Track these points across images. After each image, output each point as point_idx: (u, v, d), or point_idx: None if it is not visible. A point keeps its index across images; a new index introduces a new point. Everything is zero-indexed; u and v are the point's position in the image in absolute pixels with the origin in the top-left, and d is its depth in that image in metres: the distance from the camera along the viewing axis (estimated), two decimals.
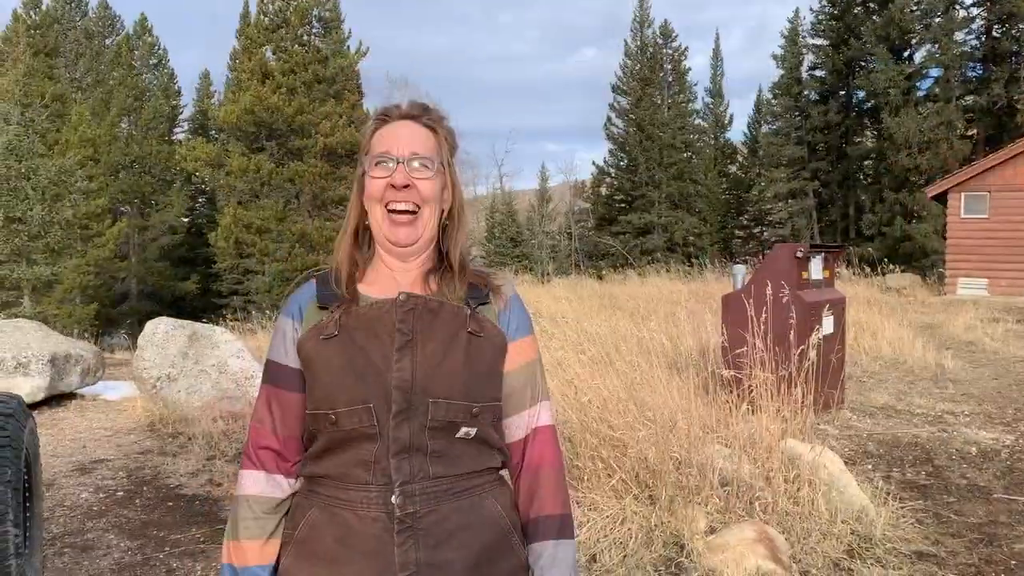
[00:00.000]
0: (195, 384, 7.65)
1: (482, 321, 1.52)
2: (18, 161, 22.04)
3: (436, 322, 1.49)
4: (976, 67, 32.02)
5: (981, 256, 21.24)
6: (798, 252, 6.63)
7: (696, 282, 19.00)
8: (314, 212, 30.32)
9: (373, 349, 1.46)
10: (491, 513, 1.50)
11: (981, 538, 4.30)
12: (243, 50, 30.97)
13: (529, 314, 1.67)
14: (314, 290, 1.58)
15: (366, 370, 1.44)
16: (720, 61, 50.58)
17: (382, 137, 1.57)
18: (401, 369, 1.44)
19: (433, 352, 1.46)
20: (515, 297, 1.63)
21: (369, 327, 1.48)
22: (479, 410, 1.47)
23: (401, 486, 1.42)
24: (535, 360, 1.62)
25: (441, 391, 1.44)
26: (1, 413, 3.17)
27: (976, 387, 8.41)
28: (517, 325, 1.59)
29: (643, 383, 5.31)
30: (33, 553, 3.44)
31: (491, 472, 1.54)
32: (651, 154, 41.34)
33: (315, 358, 1.49)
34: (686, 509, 4.12)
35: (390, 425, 1.42)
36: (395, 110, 1.60)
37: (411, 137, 1.55)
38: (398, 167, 1.52)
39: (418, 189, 1.52)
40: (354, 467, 1.44)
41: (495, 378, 1.53)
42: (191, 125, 47.10)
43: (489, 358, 1.51)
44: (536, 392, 1.61)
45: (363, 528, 1.42)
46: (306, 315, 1.55)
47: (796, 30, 39.49)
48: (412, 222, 1.53)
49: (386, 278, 1.57)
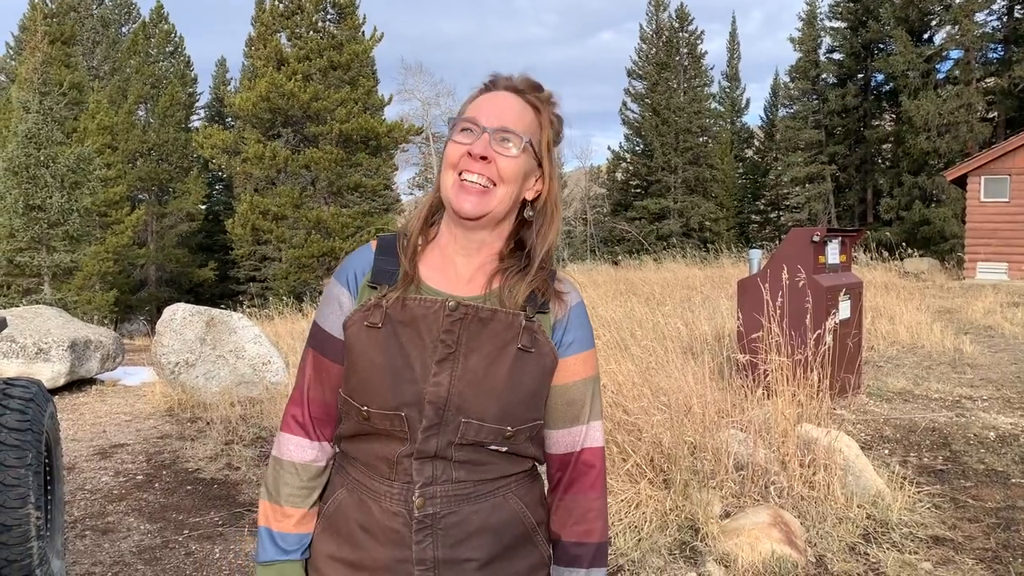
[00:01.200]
0: (213, 369, 7.71)
1: (536, 334, 1.41)
2: (37, 149, 22.19)
3: (484, 333, 1.39)
4: (997, 48, 31.57)
5: (1001, 240, 21.02)
6: (815, 236, 6.59)
7: (712, 267, 18.94)
8: (330, 199, 30.37)
9: (415, 354, 1.38)
10: (514, 512, 1.46)
11: (999, 523, 4.28)
12: (258, 37, 30.98)
13: (591, 327, 1.52)
14: (371, 260, 1.48)
15: (403, 376, 1.38)
16: (737, 45, 50.34)
17: (478, 104, 1.45)
18: (438, 384, 1.37)
19: (475, 367, 1.38)
20: (578, 307, 1.49)
21: (414, 326, 1.40)
22: (513, 433, 1.40)
23: (422, 488, 1.39)
24: (591, 378, 1.49)
25: (475, 412, 1.37)
26: (22, 398, 3.21)
27: (995, 372, 8.35)
28: (574, 339, 1.46)
29: (658, 368, 5.31)
30: (55, 535, 3.49)
31: (521, 473, 1.48)
32: (667, 139, 41.14)
33: (356, 345, 1.41)
34: (701, 493, 4.12)
35: (419, 437, 1.38)
36: (503, 79, 1.47)
37: (507, 109, 1.42)
38: (483, 136, 1.39)
39: (497, 165, 1.39)
40: (379, 460, 1.43)
41: (538, 399, 1.43)
42: (208, 112, 47.33)
43: (535, 377, 1.41)
44: (588, 411, 1.49)
45: (384, 520, 1.41)
46: (361, 290, 1.46)
47: (814, 12, 39.11)
48: (483, 192, 1.39)
49: (447, 264, 1.46)
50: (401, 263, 1.45)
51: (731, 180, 44.96)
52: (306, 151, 29.25)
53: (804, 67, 38.74)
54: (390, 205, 36.45)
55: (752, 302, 6.42)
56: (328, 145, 29.10)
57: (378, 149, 30.76)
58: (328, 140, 29.20)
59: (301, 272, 28.77)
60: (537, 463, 1.52)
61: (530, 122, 1.43)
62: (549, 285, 1.45)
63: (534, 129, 1.44)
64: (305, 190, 29.80)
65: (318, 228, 28.67)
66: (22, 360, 7.94)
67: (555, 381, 1.45)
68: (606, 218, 45.67)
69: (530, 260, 1.44)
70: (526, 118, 1.43)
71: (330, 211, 29.14)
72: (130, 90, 36.22)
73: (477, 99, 1.46)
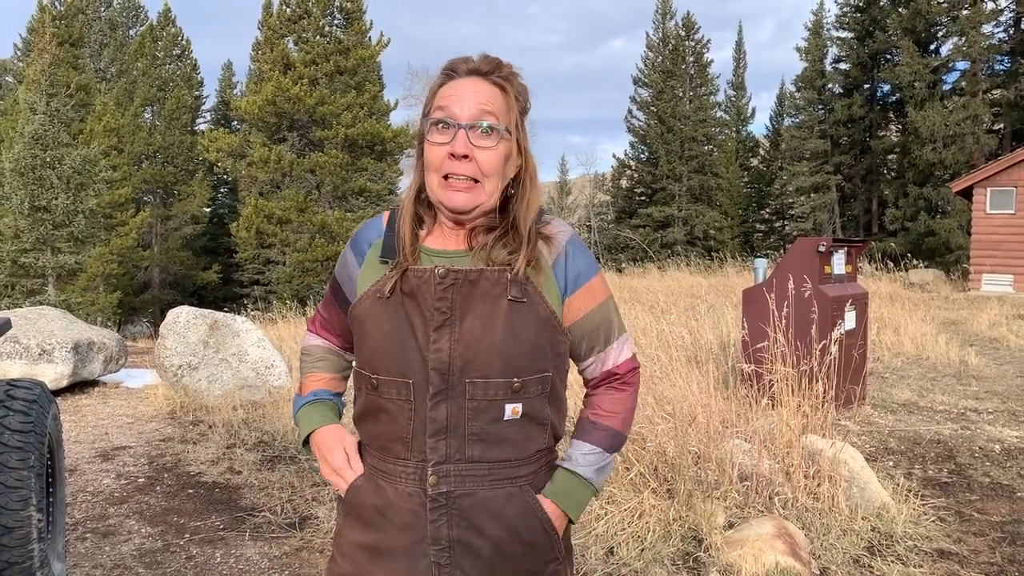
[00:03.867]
0: (216, 373, 7.70)
1: (524, 285, 1.44)
2: (43, 150, 22.25)
3: (475, 293, 1.43)
4: (1004, 60, 31.54)
5: (1006, 252, 20.97)
6: (820, 246, 6.57)
7: (716, 276, 18.92)
8: (335, 203, 30.41)
9: (417, 323, 1.43)
10: (529, 507, 1.47)
11: (1004, 537, 4.25)
12: (265, 41, 31.07)
13: (590, 254, 1.56)
14: (382, 231, 1.55)
15: (408, 343, 1.42)
16: (743, 54, 50.43)
17: (445, 95, 1.45)
18: (438, 350, 1.41)
19: (471, 328, 1.41)
20: (571, 242, 1.52)
21: (414, 296, 1.44)
22: (520, 384, 1.42)
23: (436, 466, 1.42)
24: (604, 301, 1.54)
25: (479, 370, 1.40)
26: (24, 399, 3.20)
27: (1000, 384, 8.31)
28: (577, 272, 1.50)
29: (662, 377, 5.29)
30: (56, 538, 3.48)
31: (537, 458, 1.50)
32: (672, 147, 41.16)
33: (367, 317, 1.47)
34: (705, 504, 4.10)
35: (427, 405, 1.41)
36: (462, 64, 1.48)
37: (476, 97, 1.43)
38: (459, 134, 1.41)
39: (478, 161, 1.42)
40: (393, 442, 1.46)
41: (540, 349, 1.45)
42: (214, 115, 47.43)
43: (532, 327, 1.43)
44: (611, 332, 1.56)
45: (400, 502, 1.44)
46: (367, 259, 1.54)
47: (820, 22, 39.13)
48: (471, 188, 1.43)
49: (447, 231, 1.51)
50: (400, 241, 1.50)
51: (736, 189, 44.94)
52: (311, 155, 29.30)
53: (810, 77, 38.75)
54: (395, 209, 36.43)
55: (757, 311, 6.40)
56: (333, 149, 29.14)
57: (383, 154, 30.80)
58: (333, 144, 29.24)
59: (305, 276, 28.78)
60: (554, 432, 1.53)
61: (500, 104, 1.45)
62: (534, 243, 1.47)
63: (505, 111, 1.45)
64: (310, 194, 29.83)
65: (322, 232, 28.68)
66: (25, 361, 7.93)
67: (571, 318, 1.50)
68: (610, 225, 45.67)
69: (516, 229, 1.47)
70: (496, 102, 1.44)
71: (335, 215, 29.17)
72: (137, 92, 36.33)
73: (443, 88, 1.46)
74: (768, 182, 46.84)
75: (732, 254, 26.21)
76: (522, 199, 1.50)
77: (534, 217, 1.49)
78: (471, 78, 1.46)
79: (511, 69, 1.50)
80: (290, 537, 4.33)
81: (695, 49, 43.94)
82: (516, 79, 1.50)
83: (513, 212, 1.49)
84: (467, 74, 1.46)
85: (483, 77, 1.46)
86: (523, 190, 1.51)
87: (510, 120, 1.46)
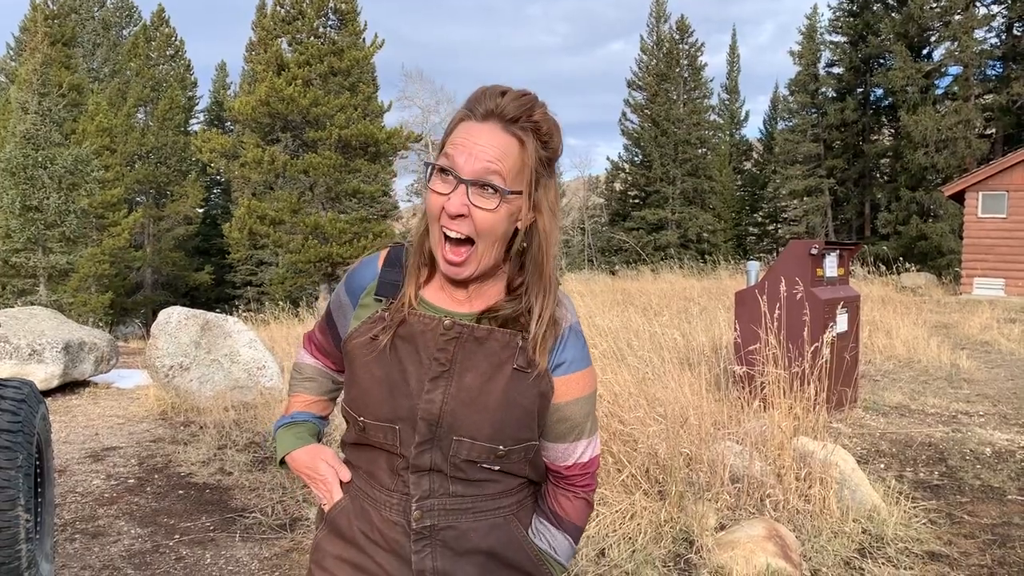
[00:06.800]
0: (207, 373, 7.67)
1: (531, 356, 1.38)
2: (35, 150, 22.18)
3: (480, 352, 1.38)
4: (996, 65, 31.70)
5: (998, 256, 21.06)
6: (813, 249, 6.58)
7: (709, 278, 18.93)
8: (328, 204, 30.35)
9: (411, 369, 1.38)
10: (514, 537, 1.46)
11: (994, 539, 4.26)
12: (259, 41, 31.02)
13: (586, 347, 1.50)
14: (377, 272, 1.49)
15: (399, 390, 1.38)
16: (737, 57, 50.57)
17: (456, 141, 1.34)
18: (430, 401, 1.36)
19: (469, 386, 1.36)
20: (571, 329, 1.45)
21: (412, 342, 1.39)
22: (504, 453, 1.38)
23: (419, 501, 1.40)
24: (588, 396, 1.48)
25: (467, 430, 1.36)
26: (13, 399, 3.18)
27: (991, 387, 8.34)
28: (571, 359, 1.44)
29: (655, 379, 5.29)
30: (44, 538, 3.46)
31: (520, 489, 1.48)
32: (666, 150, 41.24)
33: (358, 357, 1.42)
34: (696, 505, 4.09)
35: (412, 453, 1.38)
36: (487, 104, 1.34)
37: (485, 153, 1.31)
38: (458, 189, 1.31)
39: (474, 220, 1.32)
40: (380, 470, 1.44)
41: (531, 419, 1.40)
42: (207, 116, 47.36)
43: (530, 398, 1.38)
44: (584, 428, 1.49)
45: (384, 529, 1.43)
46: (361, 301, 1.49)
47: (814, 26, 39.27)
48: (465, 260, 1.35)
49: (448, 287, 1.44)
50: (406, 278, 1.45)
51: (729, 192, 45.07)
52: (305, 156, 29.23)
53: (804, 81, 38.90)
54: (388, 211, 36.48)
55: (749, 314, 6.41)
56: (327, 150, 29.09)
57: (377, 155, 30.76)
58: (327, 145, 29.20)
59: (298, 277, 28.75)
60: (535, 475, 1.51)
61: (513, 162, 1.33)
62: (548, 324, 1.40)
63: (517, 169, 1.34)
64: (303, 195, 29.78)
65: (315, 233, 28.62)
66: (15, 361, 7.89)
67: (556, 400, 1.44)
68: (604, 228, 45.73)
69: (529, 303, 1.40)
70: (509, 159, 1.32)
71: (328, 217, 29.11)
72: (130, 92, 36.25)
73: (459, 128, 1.35)
74: (761, 185, 46.96)
75: (725, 257, 26.22)
76: (532, 262, 1.41)
77: (549, 287, 1.41)
78: (488, 124, 1.33)
79: (543, 114, 1.36)
80: (281, 538, 4.31)
81: (689, 52, 44.05)
82: (541, 127, 1.35)
83: (525, 280, 1.41)
84: (485, 118, 1.33)
85: (504, 125, 1.33)
86: (533, 246, 1.40)
87: (523, 178, 1.35)
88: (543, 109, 1.36)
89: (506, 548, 1.45)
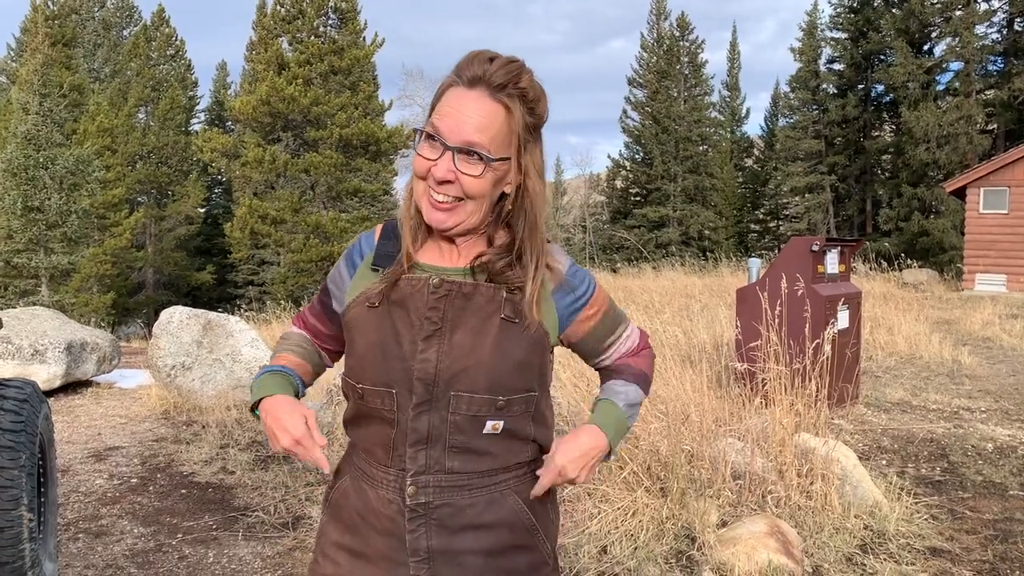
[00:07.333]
0: (209, 373, 7.68)
1: (518, 305, 1.40)
2: (36, 150, 22.20)
3: (469, 307, 1.40)
4: (997, 61, 31.65)
5: (1000, 252, 21.04)
6: (814, 245, 6.58)
7: (711, 276, 18.94)
8: (329, 203, 30.39)
9: (404, 332, 1.40)
10: (512, 509, 1.45)
11: (996, 535, 4.26)
12: (259, 41, 31.04)
13: (588, 277, 1.53)
14: (374, 244, 1.52)
15: (392, 352, 1.40)
16: (737, 55, 50.48)
17: (442, 109, 1.36)
18: (425, 360, 1.37)
19: (461, 341, 1.38)
20: (570, 269, 1.49)
21: (404, 305, 1.41)
22: (504, 403, 1.39)
23: (414, 476, 1.40)
24: (607, 310, 1.56)
25: (465, 384, 1.37)
26: (16, 399, 3.19)
27: (993, 383, 8.34)
28: (582, 294, 1.49)
29: (656, 376, 5.29)
30: (47, 538, 3.47)
31: (519, 467, 1.47)
32: (666, 147, 41.22)
33: (356, 325, 1.45)
34: (698, 502, 4.10)
35: (409, 415, 1.38)
36: (474, 71, 1.35)
37: (471, 120, 1.33)
38: (444, 155, 1.34)
39: (461, 184, 1.35)
40: (376, 446, 1.45)
41: (528, 369, 1.42)
42: (208, 116, 47.38)
43: (522, 347, 1.40)
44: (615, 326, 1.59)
45: (380, 507, 1.44)
46: (359, 271, 1.51)
47: (815, 23, 39.23)
48: (452, 208, 1.38)
49: (442, 246, 1.47)
50: (402, 245, 1.47)
51: (730, 189, 45.03)
52: (306, 155, 29.27)
53: (804, 77, 38.84)
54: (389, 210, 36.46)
55: (751, 311, 6.41)
56: (328, 150, 29.11)
57: (378, 154, 30.78)
58: (328, 145, 29.22)
59: (299, 276, 28.75)
60: (536, 447, 1.51)
61: (498, 129, 1.35)
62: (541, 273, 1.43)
63: (503, 136, 1.35)
64: (304, 194, 29.81)
65: (317, 232, 28.66)
66: (18, 361, 7.91)
67: (580, 334, 1.53)
68: (605, 226, 45.70)
69: (520, 255, 1.43)
70: (494, 126, 1.34)
71: (329, 216, 29.14)
72: (130, 93, 36.27)
73: (447, 95, 1.37)
74: (763, 182, 46.92)
75: (727, 254, 26.24)
76: (524, 221, 1.43)
77: (542, 247, 1.44)
78: (475, 91, 1.34)
79: (529, 80, 1.38)
80: (283, 537, 4.32)
81: (690, 49, 44.02)
82: (527, 93, 1.37)
83: (518, 238, 1.43)
84: (472, 84, 1.35)
85: (490, 92, 1.34)
86: (521, 209, 1.43)
87: (509, 144, 1.37)
88: (530, 76, 1.38)
89: (503, 522, 1.44)
